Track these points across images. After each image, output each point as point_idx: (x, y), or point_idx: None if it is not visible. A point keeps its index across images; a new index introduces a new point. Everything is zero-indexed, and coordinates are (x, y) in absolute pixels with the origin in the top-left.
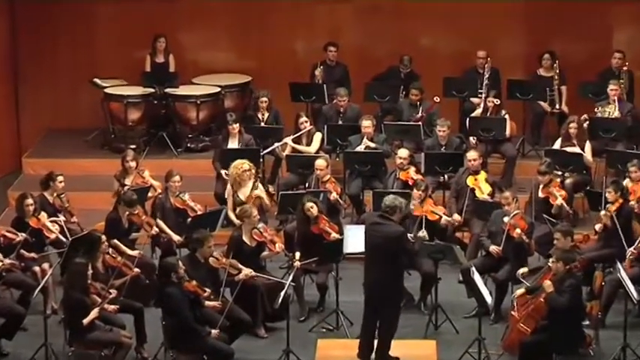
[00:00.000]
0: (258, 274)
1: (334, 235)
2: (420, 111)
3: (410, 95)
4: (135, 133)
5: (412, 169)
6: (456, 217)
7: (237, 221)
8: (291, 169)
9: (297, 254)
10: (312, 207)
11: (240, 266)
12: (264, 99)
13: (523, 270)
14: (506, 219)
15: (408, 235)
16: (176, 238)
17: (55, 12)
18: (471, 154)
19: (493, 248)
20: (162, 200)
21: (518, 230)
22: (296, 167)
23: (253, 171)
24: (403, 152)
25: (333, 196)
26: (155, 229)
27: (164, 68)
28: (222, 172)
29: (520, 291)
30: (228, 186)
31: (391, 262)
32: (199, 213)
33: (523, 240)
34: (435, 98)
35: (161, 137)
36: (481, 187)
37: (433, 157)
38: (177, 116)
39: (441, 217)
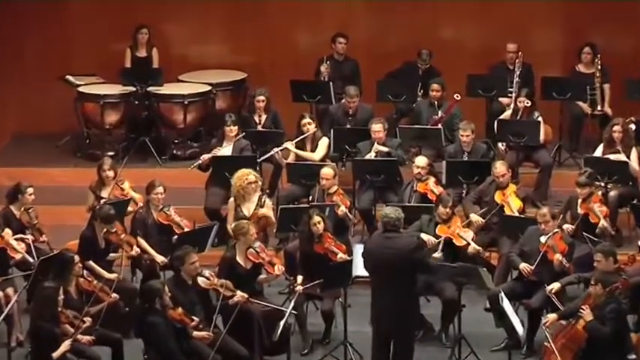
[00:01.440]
0: (256, 301)
1: (341, 256)
2: (440, 112)
3: (430, 92)
4: (113, 138)
5: (431, 180)
6: (475, 217)
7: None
8: (293, 179)
9: (300, 278)
10: (319, 222)
11: (234, 288)
12: (262, 98)
13: (555, 286)
14: (543, 239)
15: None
16: (160, 258)
17: (21, 4)
18: (499, 169)
19: (524, 266)
20: (143, 215)
21: (558, 256)
22: (298, 177)
23: (260, 183)
24: (421, 160)
25: (342, 209)
26: (136, 249)
27: (146, 63)
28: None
29: (552, 316)
30: (231, 199)
31: (406, 282)
32: (187, 230)
33: (564, 266)
34: (455, 95)
35: (143, 143)
36: (510, 202)
37: (456, 166)
38: (162, 119)
39: (468, 244)
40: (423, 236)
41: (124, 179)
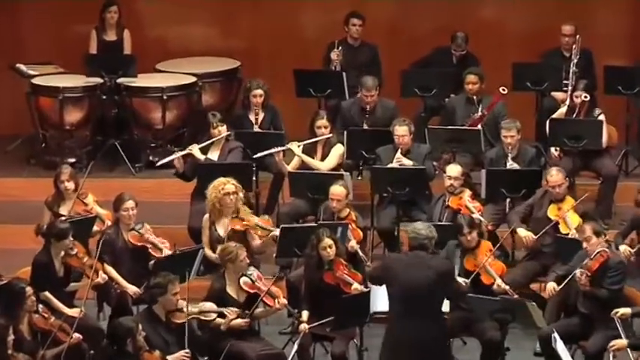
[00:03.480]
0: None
1: (357, 287)
2: (480, 109)
3: (465, 84)
4: (75, 141)
5: (467, 193)
6: (524, 232)
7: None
8: (297, 191)
9: (305, 314)
10: (330, 245)
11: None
12: (259, 92)
13: (624, 311)
14: (585, 262)
15: None
16: (132, 289)
17: None
18: (555, 177)
19: (550, 287)
20: (111, 237)
21: (578, 272)
22: (304, 189)
23: (241, 194)
24: (453, 170)
25: (352, 245)
26: (103, 276)
27: (116, 49)
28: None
29: (620, 342)
30: (205, 216)
31: (436, 310)
32: (167, 252)
33: (587, 289)
34: (500, 89)
35: (112, 147)
36: (567, 219)
37: (497, 176)
38: (135, 117)
39: (494, 280)
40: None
41: (87, 192)
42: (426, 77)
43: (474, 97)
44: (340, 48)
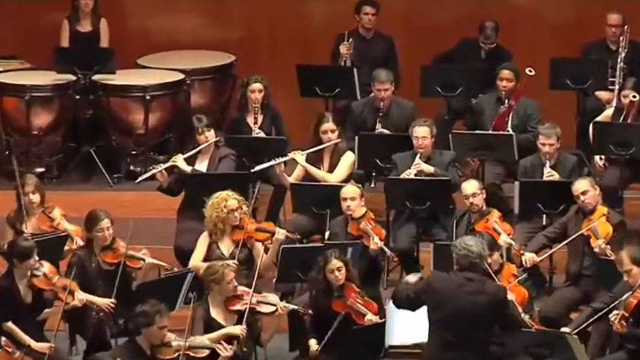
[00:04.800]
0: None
1: (370, 317)
2: (506, 102)
3: (498, 81)
4: (43, 148)
5: (495, 215)
6: (528, 255)
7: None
8: (300, 206)
9: (313, 342)
10: (339, 268)
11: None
12: (258, 86)
13: None
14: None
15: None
16: (104, 302)
17: None
18: (576, 185)
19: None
20: (81, 258)
21: (615, 313)
22: (308, 203)
23: (245, 208)
24: (470, 187)
25: (376, 242)
26: (79, 297)
27: (91, 41)
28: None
29: None
30: (204, 233)
31: (485, 341)
32: (148, 261)
33: (623, 332)
34: (527, 70)
35: (87, 155)
36: (595, 229)
37: (533, 188)
38: (114, 121)
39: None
40: None
41: (53, 205)
42: (450, 74)
43: (504, 95)
44: (351, 40)
